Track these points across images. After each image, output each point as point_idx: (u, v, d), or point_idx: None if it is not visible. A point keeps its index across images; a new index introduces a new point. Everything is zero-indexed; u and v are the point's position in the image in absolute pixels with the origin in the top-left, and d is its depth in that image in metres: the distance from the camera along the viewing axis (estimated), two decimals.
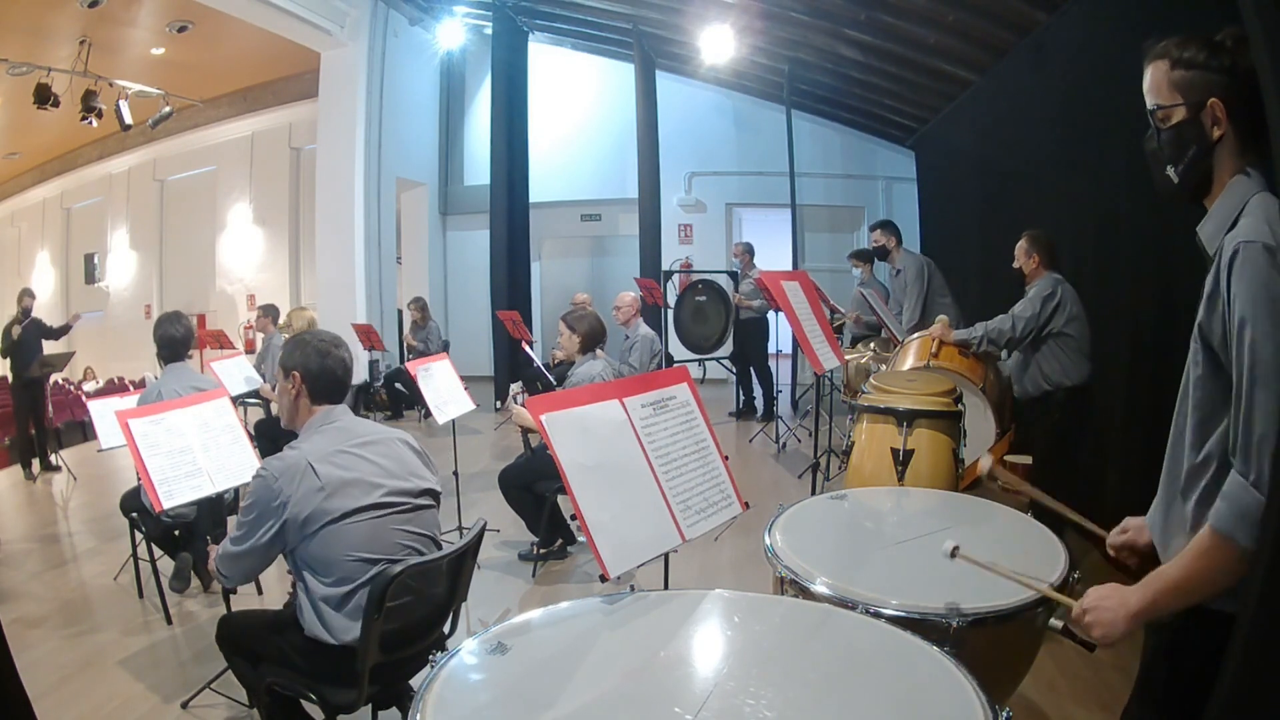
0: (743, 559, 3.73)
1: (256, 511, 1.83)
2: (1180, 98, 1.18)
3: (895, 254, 5.34)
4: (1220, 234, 1.14)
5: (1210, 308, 1.10)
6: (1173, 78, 1.18)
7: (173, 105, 10.12)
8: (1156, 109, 1.21)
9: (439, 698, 1.20)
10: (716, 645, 1.39)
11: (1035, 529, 1.87)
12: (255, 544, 1.84)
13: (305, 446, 1.90)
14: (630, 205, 8.91)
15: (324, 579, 1.83)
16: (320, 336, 2.05)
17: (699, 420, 1.98)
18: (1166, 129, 1.20)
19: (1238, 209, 1.13)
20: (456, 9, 9.39)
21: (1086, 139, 3.98)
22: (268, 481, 1.82)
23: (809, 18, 6.43)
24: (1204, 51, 1.15)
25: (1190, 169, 1.20)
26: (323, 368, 1.98)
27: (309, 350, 1.99)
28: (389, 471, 1.95)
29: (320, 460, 1.85)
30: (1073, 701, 2.42)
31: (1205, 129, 1.16)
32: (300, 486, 1.81)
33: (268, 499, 1.81)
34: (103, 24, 8.65)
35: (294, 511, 1.80)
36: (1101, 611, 1.17)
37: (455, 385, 4.47)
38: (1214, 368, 1.12)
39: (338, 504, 1.83)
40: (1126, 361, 3.58)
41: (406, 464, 2.01)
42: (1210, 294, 1.10)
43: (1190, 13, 1.29)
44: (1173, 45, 1.18)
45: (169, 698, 2.62)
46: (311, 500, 1.81)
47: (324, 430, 1.95)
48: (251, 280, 11.78)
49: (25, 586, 3.72)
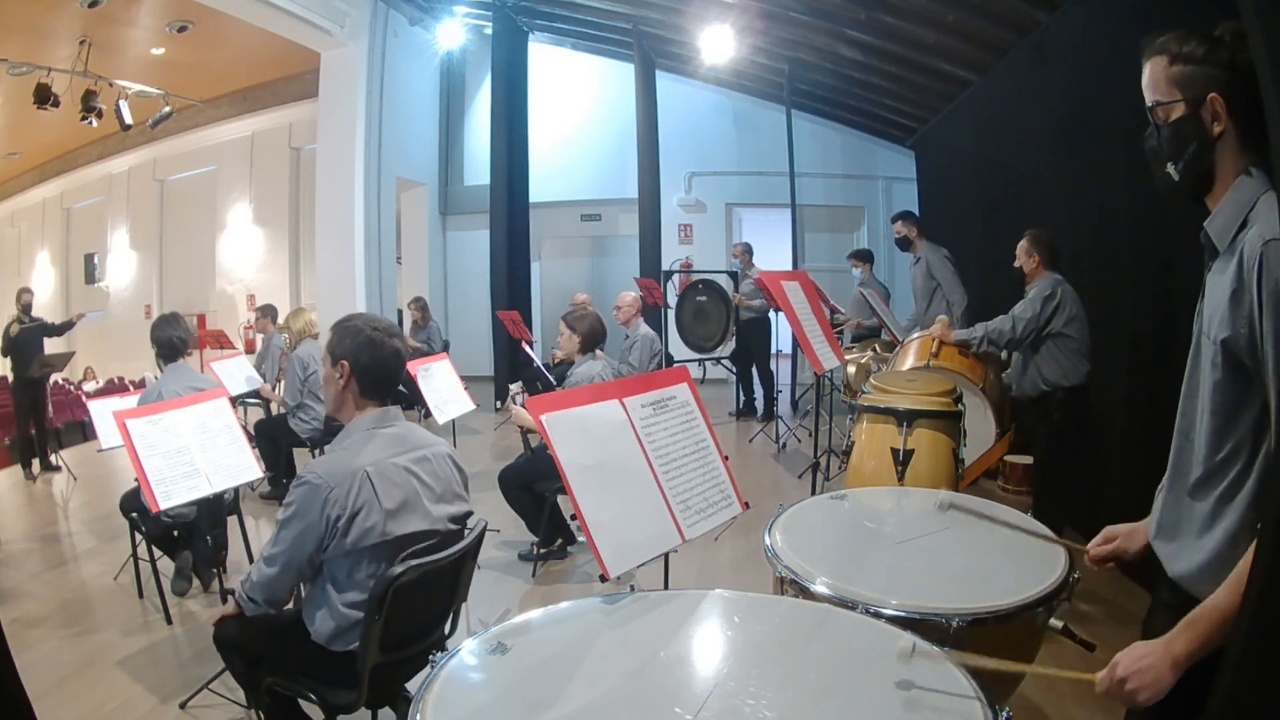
0: (743, 559, 3.73)
1: (302, 523, 1.68)
2: (1179, 93, 1.16)
3: (917, 244, 5.24)
4: (1230, 231, 1.12)
5: (1236, 306, 1.08)
6: (1171, 73, 1.17)
7: (173, 105, 10.12)
8: (1156, 105, 1.20)
9: (439, 698, 1.20)
10: (716, 645, 1.39)
11: (1035, 529, 1.86)
12: (295, 558, 1.70)
13: (357, 449, 1.76)
14: (630, 205, 8.91)
15: (344, 593, 1.76)
16: (374, 323, 1.84)
17: (699, 420, 1.98)
18: (1166, 125, 1.19)
19: (1248, 207, 1.11)
20: (456, 9, 9.39)
21: (1086, 139, 3.98)
22: (319, 489, 1.67)
23: (809, 18, 6.42)
24: (1203, 46, 1.14)
25: (1191, 165, 1.18)
26: (374, 360, 1.80)
27: (361, 340, 1.80)
28: (438, 495, 1.86)
29: (379, 474, 1.73)
30: (1073, 701, 2.42)
31: (1205, 125, 1.15)
32: (356, 498, 1.69)
33: (317, 507, 1.67)
34: (103, 24, 8.65)
35: (344, 524, 1.68)
36: (1144, 674, 1.07)
37: (455, 385, 4.48)
38: (1234, 369, 1.10)
39: (392, 527, 1.73)
40: (1126, 361, 3.58)
41: (450, 485, 1.91)
42: (1234, 293, 1.08)
43: (1190, 12, 1.28)
44: (1171, 40, 1.17)
45: (168, 698, 2.62)
46: (368, 518, 1.69)
47: (378, 436, 1.81)
48: (251, 280, 11.78)
49: (25, 586, 3.72)
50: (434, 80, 10.47)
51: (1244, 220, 1.11)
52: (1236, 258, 1.08)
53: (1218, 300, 1.12)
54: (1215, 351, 1.12)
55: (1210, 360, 1.13)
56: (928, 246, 5.18)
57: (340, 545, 1.70)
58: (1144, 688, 1.07)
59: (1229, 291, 1.09)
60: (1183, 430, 1.22)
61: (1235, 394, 1.10)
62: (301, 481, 1.70)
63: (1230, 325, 1.09)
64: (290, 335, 5.23)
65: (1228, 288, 1.09)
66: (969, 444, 3.02)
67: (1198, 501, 1.17)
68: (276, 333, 6.00)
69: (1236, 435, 1.11)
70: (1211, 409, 1.13)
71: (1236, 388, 1.10)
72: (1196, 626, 1.06)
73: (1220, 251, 1.14)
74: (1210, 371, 1.13)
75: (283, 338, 5.83)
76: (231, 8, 7.60)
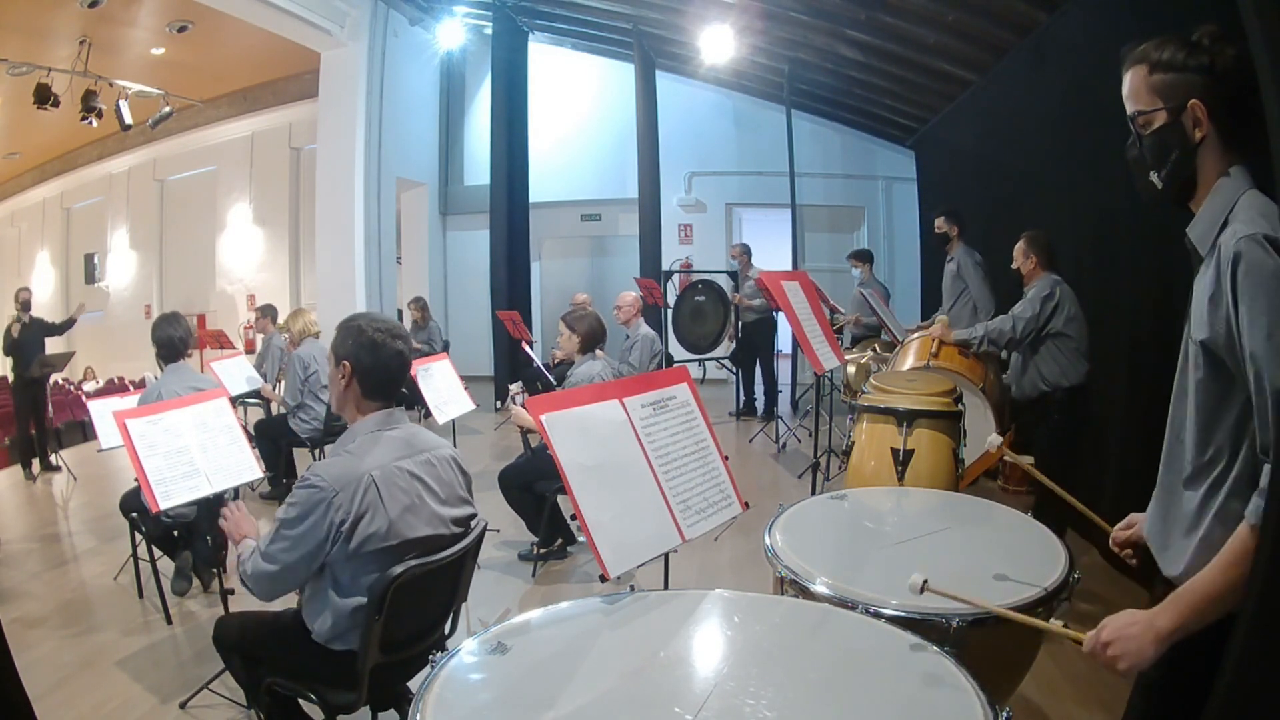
0: (743, 559, 3.73)
1: (304, 525, 1.66)
2: (1160, 102, 1.16)
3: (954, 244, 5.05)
4: (1211, 234, 1.13)
5: (1214, 308, 1.09)
6: (1151, 82, 1.17)
7: (173, 105, 10.12)
8: (1137, 115, 1.20)
9: (439, 698, 1.20)
10: (716, 645, 1.39)
11: (1035, 529, 1.87)
12: (295, 560, 1.68)
13: (362, 452, 1.74)
14: (630, 205, 8.91)
15: (346, 594, 1.75)
16: (376, 324, 1.82)
17: (699, 420, 1.98)
18: (1148, 134, 1.19)
19: (1227, 208, 1.12)
20: (456, 9, 9.39)
21: (1086, 139, 3.97)
22: (324, 493, 1.65)
23: (809, 18, 6.43)
24: (1181, 52, 1.14)
25: (1174, 173, 1.18)
26: (375, 362, 1.78)
27: (363, 340, 1.78)
28: (442, 499, 1.85)
29: (384, 478, 1.72)
30: (1073, 701, 2.42)
31: (1187, 131, 1.15)
32: (361, 502, 1.67)
33: (321, 511, 1.65)
34: (103, 24, 8.65)
35: (348, 529, 1.66)
36: (1126, 641, 1.09)
37: (455, 385, 4.48)
38: (1215, 369, 1.11)
39: (396, 532, 1.72)
40: (1126, 361, 3.58)
41: (454, 489, 1.90)
42: (1213, 295, 1.09)
43: (1190, 13, 1.28)
44: (1150, 49, 1.17)
45: (168, 698, 2.62)
46: (372, 523, 1.68)
47: (383, 439, 1.79)
48: (251, 280, 11.78)
49: (25, 586, 3.72)
50: (434, 80, 10.46)
51: (1224, 221, 1.11)
52: (1215, 259, 1.09)
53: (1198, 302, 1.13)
54: (1197, 352, 1.13)
55: (1193, 361, 1.15)
56: (963, 249, 5.08)
57: (344, 549, 1.69)
58: (1125, 655, 1.10)
59: (1208, 294, 1.10)
60: (1173, 431, 1.23)
61: (1217, 393, 1.12)
62: (305, 484, 1.68)
63: (1209, 326, 1.10)
64: (290, 335, 5.24)
65: (1207, 290, 1.10)
66: (969, 444, 3.02)
67: (1186, 497, 1.18)
68: (276, 333, 6.01)
69: (1220, 434, 1.12)
70: (1196, 407, 1.15)
71: (1219, 386, 1.11)
72: (1180, 603, 1.08)
73: (1204, 257, 1.15)
74: (1193, 372, 1.15)
75: (283, 338, 5.83)
76: (231, 8, 7.61)
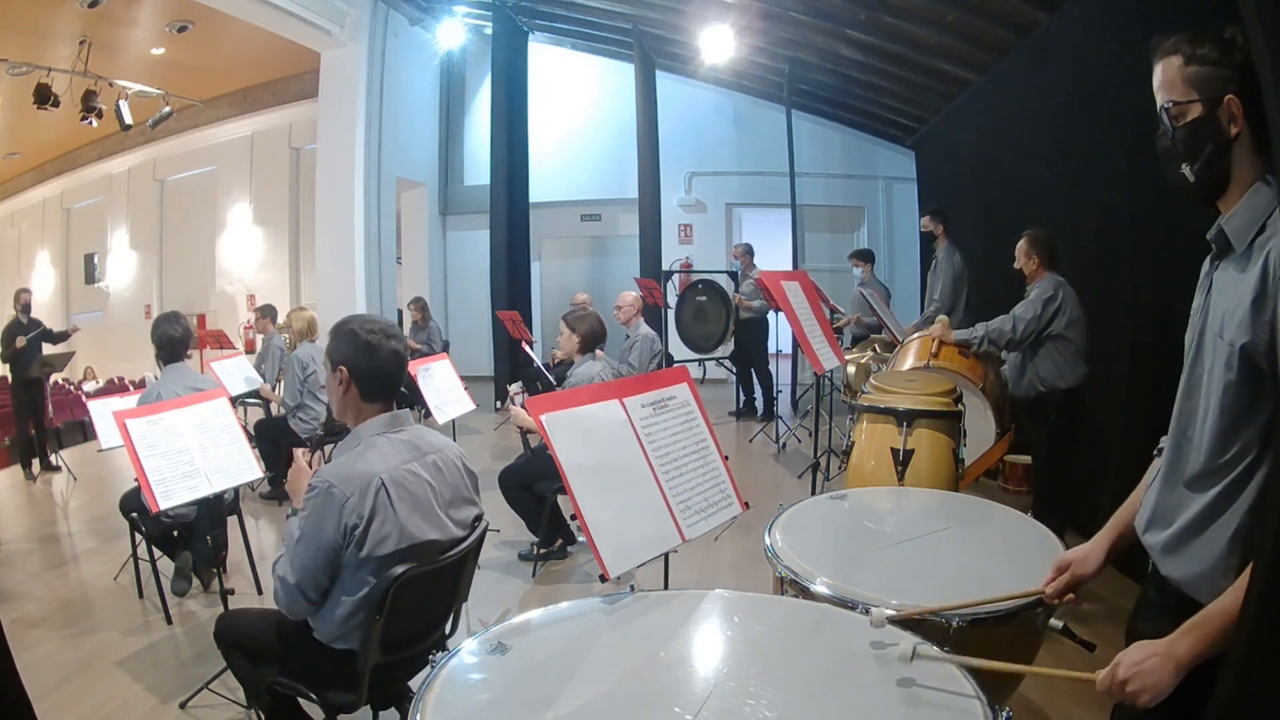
0: (743, 559, 3.73)
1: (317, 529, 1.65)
2: (1196, 94, 1.14)
3: (940, 241, 5.25)
4: (1248, 233, 1.11)
5: (1257, 313, 1.07)
6: (1187, 73, 1.15)
7: (173, 105, 10.12)
8: (1170, 105, 1.17)
9: (439, 698, 1.20)
10: (716, 645, 1.39)
11: (1035, 529, 1.86)
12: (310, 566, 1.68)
13: (371, 456, 1.73)
14: (630, 205, 8.91)
15: (349, 594, 1.75)
16: (369, 326, 1.80)
17: (699, 420, 1.98)
18: (1181, 126, 1.17)
19: (1266, 213, 1.10)
20: (456, 9, 9.39)
21: (1086, 139, 3.97)
22: (335, 498, 1.64)
23: (809, 18, 6.43)
24: (1218, 48, 1.12)
25: (1207, 167, 1.16)
26: (372, 364, 1.78)
27: (357, 344, 1.77)
28: (449, 500, 1.85)
29: (393, 481, 1.71)
30: (1073, 701, 2.42)
31: (1222, 126, 1.13)
32: (371, 506, 1.67)
33: (334, 515, 1.65)
34: (103, 24, 8.65)
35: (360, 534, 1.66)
36: (1145, 676, 1.06)
37: (455, 385, 4.48)
38: (1250, 372, 1.09)
39: (406, 535, 1.72)
40: (1126, 362, 3.58)
41: (460, 490, 1.90)
42: (1257, 298, 1.07)
43: (1190, 13, 1.28)
44: (1184, 41, 1.15)
45: (168, 698, 2.62)
46: (383, 526, 1.68)
47: (390, 441, 1.79)
48: (251, 280, 11.78)
49: (25, 586, 3.72)
50: (434, 80, 10.47)
51: (1262, 225, 1.10)
52: (1260, 265, 1.08)
53: (1234, 303, 1.11)
54: (1231, 354, 1.11)
55: (1224, 362, 1.12)
56: (947, 247, 5.21)
57: (354, 554, 1.69)
58: (1146, 689, 1.07)
59: (1251, 297, 1.08)
60: (1180, 428, 1.21)
61: (1247, 397, 1.10)
62: (316, 489, 1.67)
63: (1252, 331, 1.08)
64: (290, 335, 5.24)
65: (1249, 293, 1.08)
66: (969, 444, 3.02)
67: (1195, 496, 1.16)
68: (276, 333, 6.00)
69: (1244, 437, 1.11)
70: (1220, 409, 1.13)
71: (1249, 391, 1.10)
72: (1202, 629, 1.06)
73: (1237, 251, 1.13)
74: (1223, 373, 1.13)
75: (283, 338, 5.84)
76: (231, 8, 7.60)
